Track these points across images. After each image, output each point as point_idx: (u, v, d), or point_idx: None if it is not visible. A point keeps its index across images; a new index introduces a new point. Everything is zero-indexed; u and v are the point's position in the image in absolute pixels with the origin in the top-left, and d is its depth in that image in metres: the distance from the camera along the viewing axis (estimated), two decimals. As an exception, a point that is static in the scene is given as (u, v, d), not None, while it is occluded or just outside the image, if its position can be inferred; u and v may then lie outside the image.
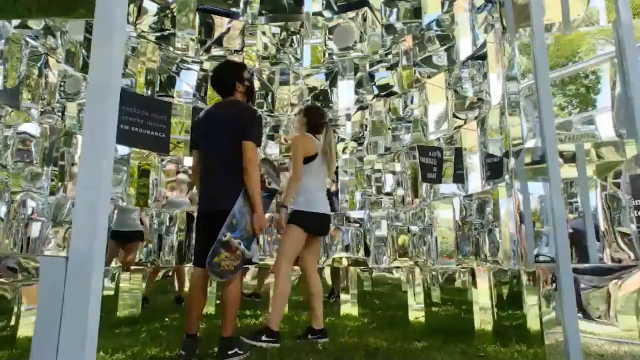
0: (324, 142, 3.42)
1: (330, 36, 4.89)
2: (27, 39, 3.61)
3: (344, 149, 4.93)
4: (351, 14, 4.80)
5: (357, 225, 4.70)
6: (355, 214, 4.74)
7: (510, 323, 3.72)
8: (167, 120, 3.98)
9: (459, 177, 3.85)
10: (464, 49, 3.64)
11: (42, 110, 3.68)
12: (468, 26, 3.57)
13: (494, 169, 3.14)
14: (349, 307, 4.64)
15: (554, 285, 2.22)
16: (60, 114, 3.81)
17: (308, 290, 3.35)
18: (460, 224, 3.58)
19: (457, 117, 3.75)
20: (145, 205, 4.22)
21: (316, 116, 3.51)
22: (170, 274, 6.06)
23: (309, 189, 3.24)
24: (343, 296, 4.74)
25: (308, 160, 3.26)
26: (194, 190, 4.81)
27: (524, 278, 2.72)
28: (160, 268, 4.94)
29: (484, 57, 3.48)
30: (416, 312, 4.14)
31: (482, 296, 3.35)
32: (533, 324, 2.72)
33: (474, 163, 3.46)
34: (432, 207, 3.95)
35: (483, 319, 3.31)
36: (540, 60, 1.92)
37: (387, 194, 4.71)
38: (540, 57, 1.93)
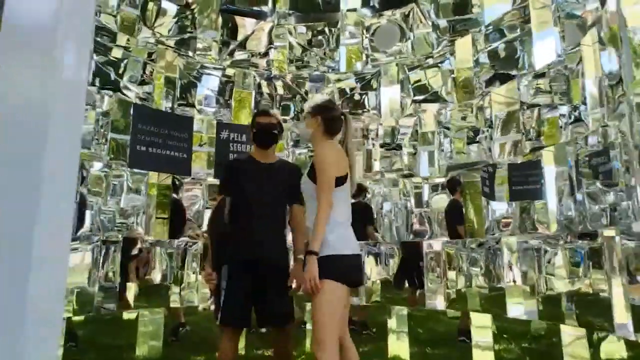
0: (345, 147, 2.40)
1: (370, 37, 4.31)
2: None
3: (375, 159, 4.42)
4: (394, 12, 4.20)
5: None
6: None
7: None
8: (189, 139, 3.47)
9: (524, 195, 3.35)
10: (542, 51, 3.03)
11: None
12: (549, 23, 2.95)
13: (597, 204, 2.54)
14: (395, 342, 4.06)
15: None
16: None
17: None
18: (540, 265, 2.98)
19: (529, 137, 3.13)
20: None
21: (331, 111, 2.41)
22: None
23: (341, 223, 2.29)
24: (389, 322, 4.14)
25: (339, 182, 2.26)
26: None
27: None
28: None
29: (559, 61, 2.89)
30: (480, 353, 3.55)
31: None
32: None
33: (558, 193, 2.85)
34: (498, 236, 3.37)
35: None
36: None
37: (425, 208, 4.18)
38: None
